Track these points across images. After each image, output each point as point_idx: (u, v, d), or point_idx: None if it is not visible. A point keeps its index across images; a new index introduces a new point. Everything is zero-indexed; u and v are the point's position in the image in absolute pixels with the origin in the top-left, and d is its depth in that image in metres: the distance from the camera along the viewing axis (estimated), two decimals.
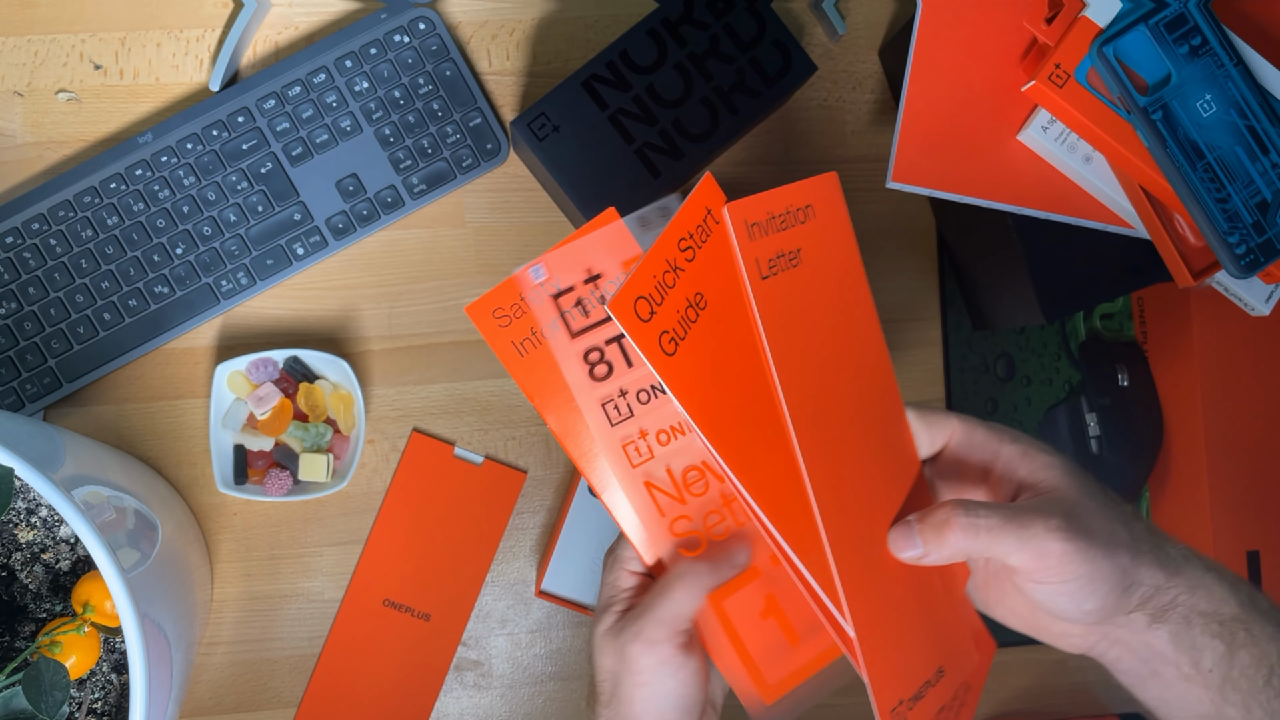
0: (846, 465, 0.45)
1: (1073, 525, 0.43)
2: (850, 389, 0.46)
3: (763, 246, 0.43)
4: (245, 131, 0.70)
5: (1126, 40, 0.61)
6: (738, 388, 0.44)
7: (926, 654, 0.48)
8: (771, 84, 0.69)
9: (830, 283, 0.46)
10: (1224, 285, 0.68)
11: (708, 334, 0.43)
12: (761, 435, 0.44)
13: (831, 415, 0.45)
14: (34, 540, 0.57)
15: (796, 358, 0.44)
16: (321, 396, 0.70)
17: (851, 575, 0.44)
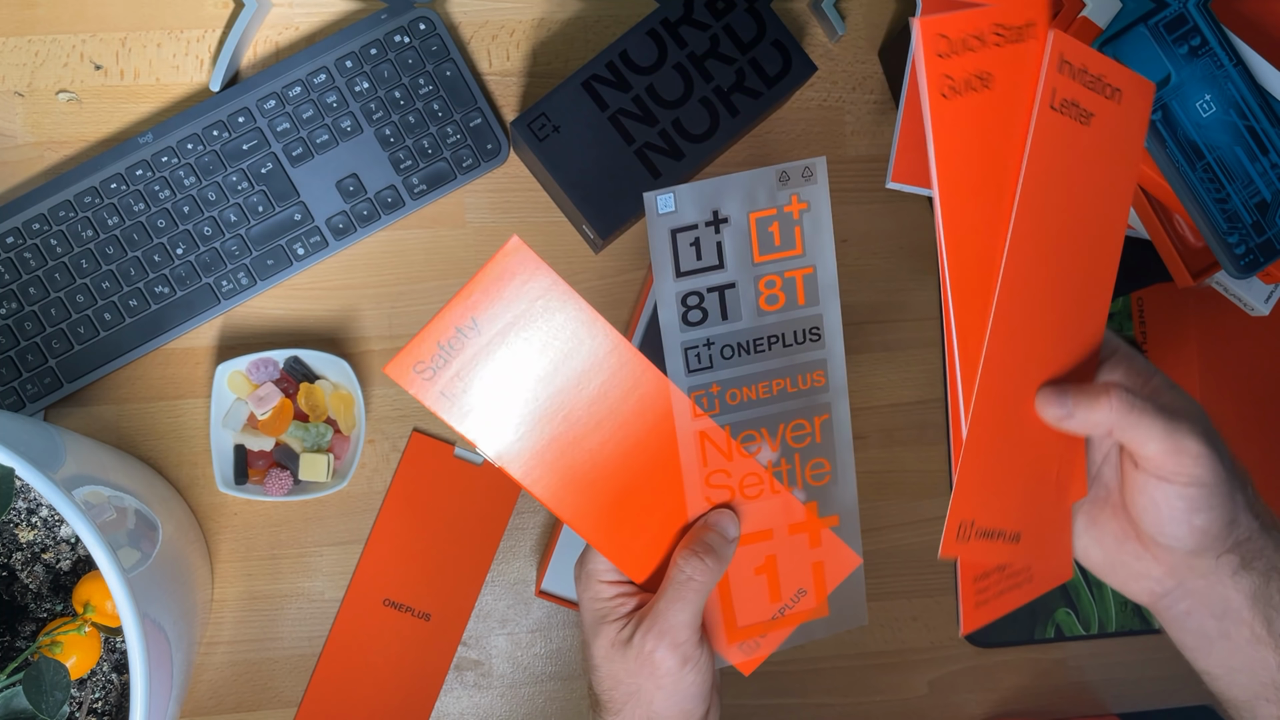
0: (1037, 304, 0.46)
1: (1211, 439, 0.45)
2: (1074, 249, 0.47)
3: (1064, 84, 0.45)
4: (246, 132, 0.70)
5: (1126, 40, 0.61)
6: (979, 173, 0.44)
7: (1015, 512, 0.48)
8: (771, 84, 0.69)
9: (1104, 157, 0.47)
10: (1223, 285, 0.68)
11: (976, 109, 0.43)
12: (979, 222, 0.45)
13: (1046, 257, 0.46)
14: (34, 540, 0.57)
15: (1042, 192, 0.45)
16: (322, 396, 0.70)
17: (991, 393, 0.45)
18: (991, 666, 0.77)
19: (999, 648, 0.78)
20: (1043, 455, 0.49)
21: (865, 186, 0.77)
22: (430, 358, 0.45)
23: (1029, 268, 0.46)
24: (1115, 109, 0.47)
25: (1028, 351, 0.47)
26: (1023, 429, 0.48)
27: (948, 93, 0.42)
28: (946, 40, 0.42)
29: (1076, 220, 0.47)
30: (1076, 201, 0.47)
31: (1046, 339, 0.48)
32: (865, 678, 0.76)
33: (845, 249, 0.77)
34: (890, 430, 0.77)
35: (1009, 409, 0.47)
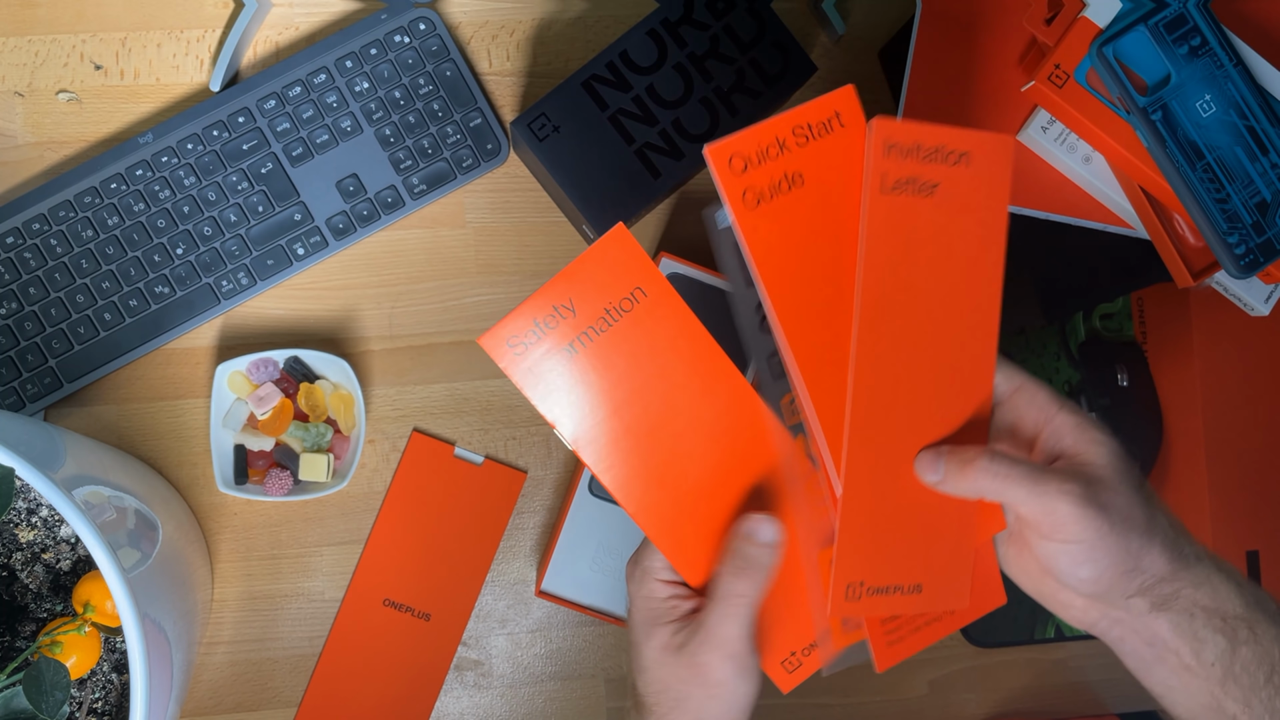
0: (903, 374, 0.47)
1: (1088, 494, 0.45)
2: (939, 315, 0.48)
3: (896, 165, 0.46)
4: (246, 132, 0.70)
5: (1126, 40, 0.61)
6: (814, 266, 0.46)
7: (911, 565, 0.49)
8: (771, 84, 0.69)
9: (961, 218, 0.48)
10: (1223, 285, 0.68)
11: (796, 210, 0.45)
12: (820, 310, 0.46)
13: (906, 327, 0.47)
14: (35, 540, 0.57)
15: (889, 269, 0.46)
16: (322, 396, 0.70)
17: (862, 464, 0.46)
18: (991, 666, 0.77)
19: (999, 648, 0.78)
20: (938, 506, 0.49)
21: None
22: (524, 333, 0.46)
23: (886, 342, 0.46)
24: (965, 171, 0.47)
25: (901, 419, 0.48)
26: (908, 488, 0.48)
27: (754, 203, 0.45)
28: (741, 158, 0.44)
29: (939, 284, 0.48)
30: (933, 268, 0.47)
31: (923, 404, 0.48)
32: (865, 678, 0.76)
33: None
34: None
35: (887, 473, 0.48)
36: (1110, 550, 0.45)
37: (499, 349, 0.46)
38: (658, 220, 0.76)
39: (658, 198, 0.69)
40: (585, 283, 0.46)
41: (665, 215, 0.76)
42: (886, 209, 0.46)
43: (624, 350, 0.46)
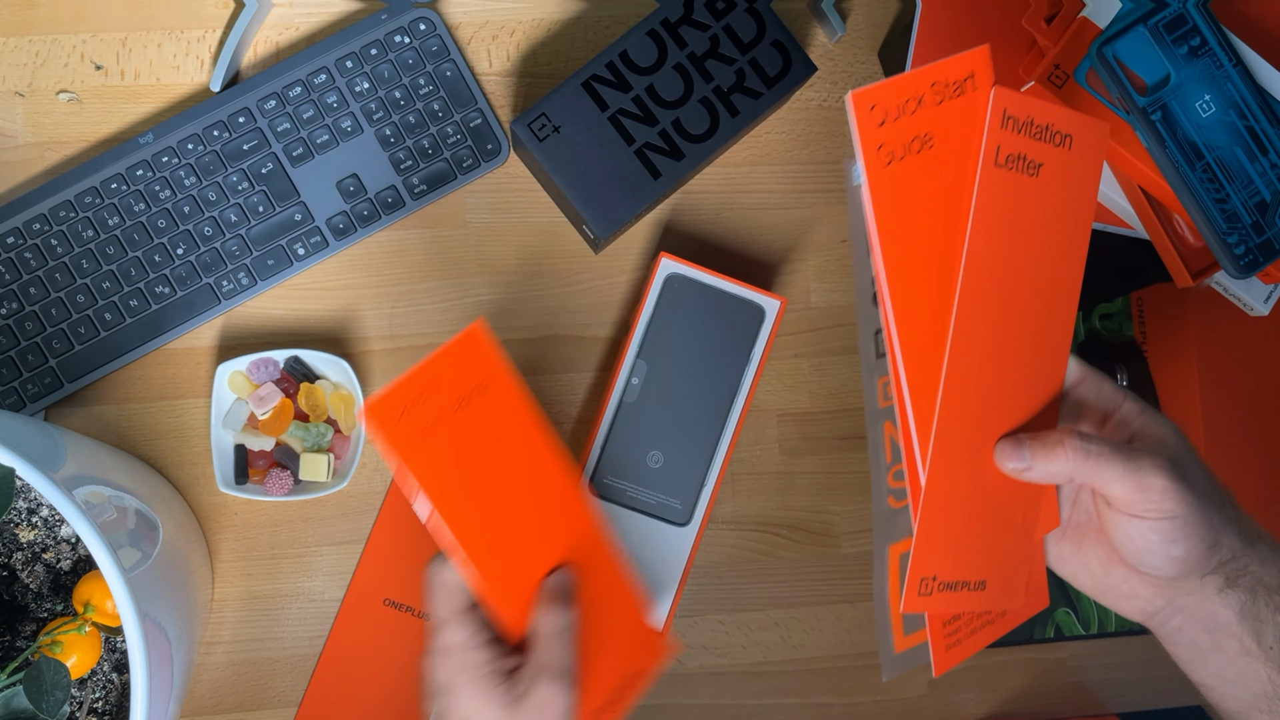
0: (991, 358, 0.46)
1: (1178, 469, 0.45)
2: (1028, 300, 0.47)
3: (1009, 139, 0.44)
4: (246, 132, 0.70)
5: (1125, 41, 0.61)
6: (926, 235, 0.44)
7: (979, 561, 0.48)
8: (771, 85, 0.69)
9: (1057, 203, 0.47)
10: (1223, 285, 0.68)
11: (923, 175, 0.43)
12: (926, 284, 0.44)
13: (998, 311, 0.46)
14: (35, 540, 0.57)
15: (991, 248, 0.45)
16: (322, 396, 0.71)
17: (947, 451, 0.45)
18: (991, 666, 0.78)
19: (999, 648, 0.78)
20: (1007, 501, 0.49)
21: None
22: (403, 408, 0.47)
23: (980, 325, 0.46)
24: (1066, 155, 0.47)
25: (984, 405, 0.47)
26: (983, 480, 0.48)
27: (888, 161, 0.42)
28: (882, 109, 0.42)
29: (1029, 269, 0.47)
30: (1028, 251, 0.47)
31: (1004, 390, 0.48)
32: (865, 678, 0.76)
33: (845, 249, 0.77)
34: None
35: (967, 463, 0.47)
36: (1199, 525, 0.46)
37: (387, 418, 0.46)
38: (658, 220, 0.76)
39: (658, 198, 0.69)
40: (445, 373, 0.48)
41: (665, 215, 0.76)
42: (997, 183, 0.45)
43: (473, 435, 0.48)
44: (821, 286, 0.77)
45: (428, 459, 0.46)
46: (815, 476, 0.76)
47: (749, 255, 0.76)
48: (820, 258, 0.77)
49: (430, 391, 0.46)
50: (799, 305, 0.76)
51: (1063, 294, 0.49)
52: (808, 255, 0.77)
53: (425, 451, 0.46)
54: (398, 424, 0.44)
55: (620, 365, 0.70)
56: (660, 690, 0.74)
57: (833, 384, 0.77)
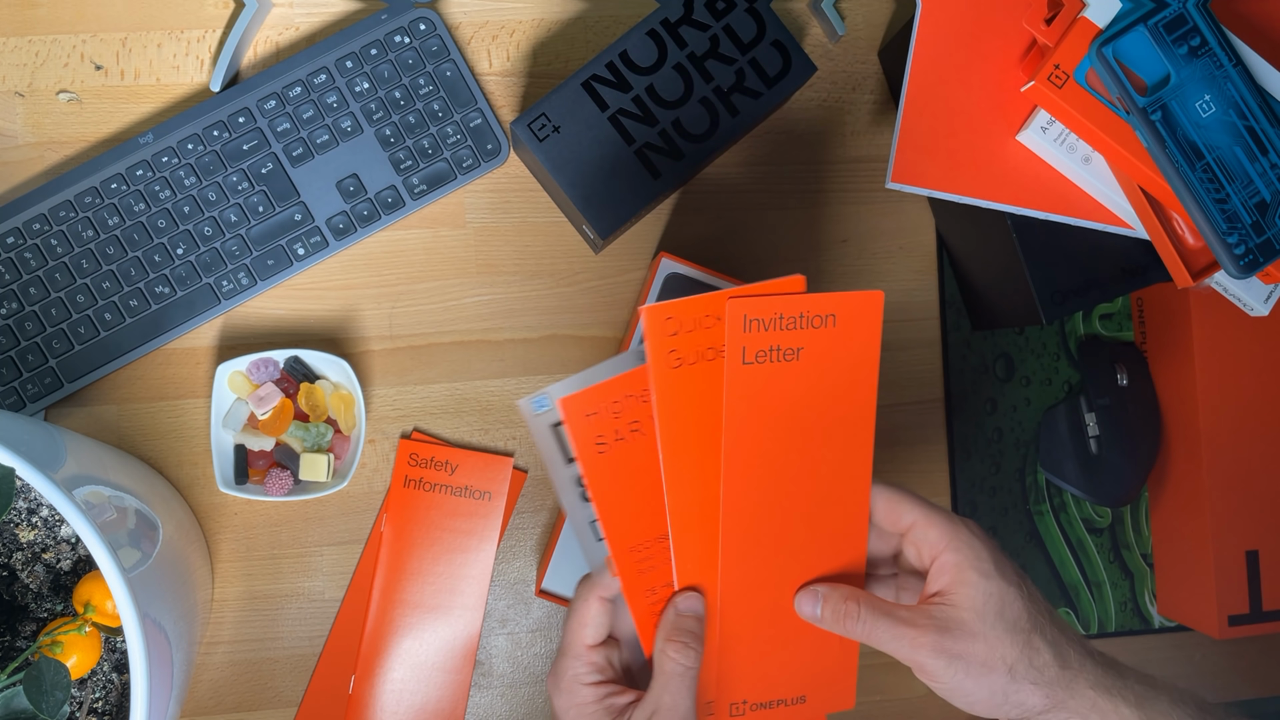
0: (773, 521, 0.51)
1: (944, 645, 0.48)
2: (808, 470, 0.52)
3: (755, 338, 0.49)
4: (246, 132, 0.70)
5: (1126, 41, 0.61)
6: (703, 429, 0.49)
7: (794, 680, 0.53)
8: (771, 85, 0.69)
9: (827, 380, 0.51)
10: (1223, 286, 0.68)
11: (700, 377, 0.49)
12: (701, 467, 0.50)
13: (773, 481, 0.51)
14: (35, 540, 0.57)
15: (750, 433, 0.50)
16: (322, 396, 0.71)
17: (737, 604, 0.51)
18: None
19: None
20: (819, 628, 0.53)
21: (865, 186, 0.77)
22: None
23: (753, 495, 0.50)
24: (831, 332, 0.51)
25: (773, 560, 0.52)
26: (789, 614, 0.52)
27: (675, 365, 0.48)
28: (675, 321, 0.48)
29: (807, 439, 0.51)
30: (799, 426, 0.51)
31: (795, 545, 0.52)
32: (865, 677, 0.76)
33: (845, 249, 0.77)
34: (890, 430, 0.77)
35: (764, 607, 0.52)
36: (975, 689, 0.49)
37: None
38: (658, 220, 0.76)
39: (658, 198, 0.69)
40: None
41: (665, 215, 0.76)
42: (748, 378, 0.49)
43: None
44: (821, 286, 0.77)
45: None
46: None
47: (749, 255, 0.76)
48: (820, 258, 0.77)
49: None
50: None
51: (851, 453, 0.52)
52: (808, 255, 0.77)
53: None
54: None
55: None
56: None
57: None
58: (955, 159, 0.67)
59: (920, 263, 0.78)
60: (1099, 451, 0.80)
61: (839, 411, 0.52)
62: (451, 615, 0.72)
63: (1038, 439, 0.81)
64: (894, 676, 0.76)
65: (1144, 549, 0.82)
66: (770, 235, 0.76)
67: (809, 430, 0.51)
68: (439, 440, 0.73)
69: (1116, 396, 0.80)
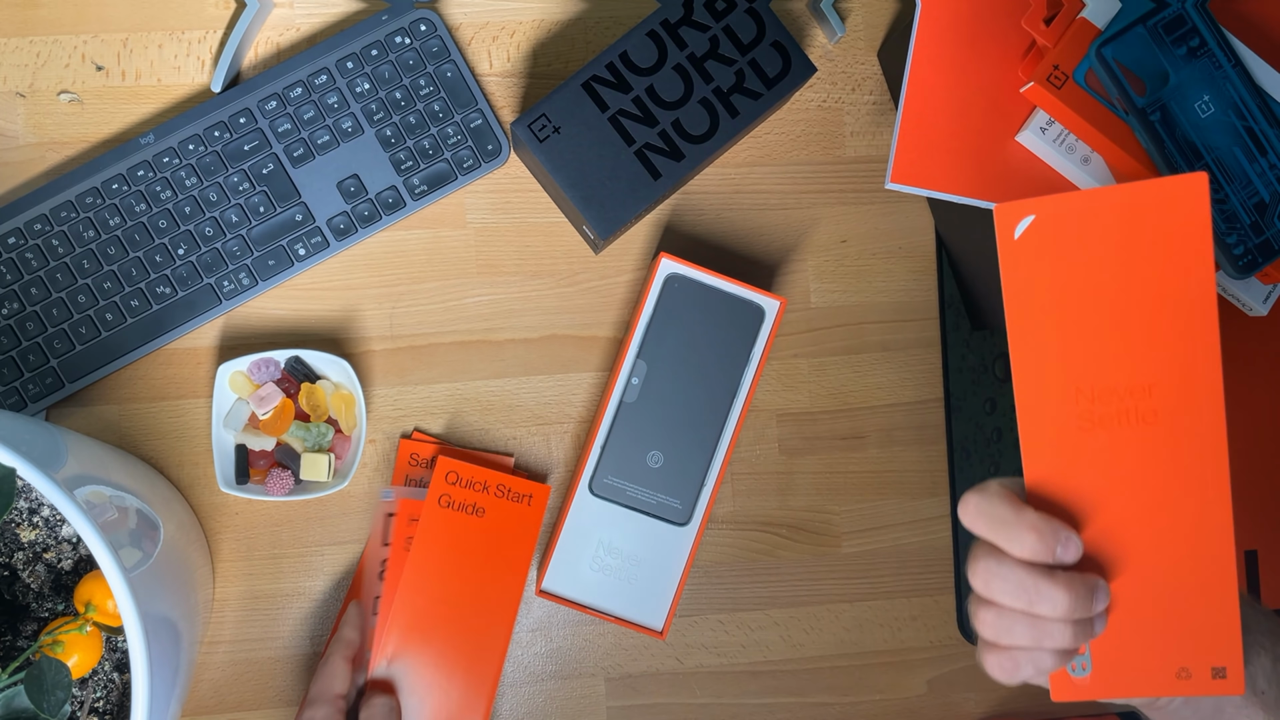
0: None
1: None
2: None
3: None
4: (247, 132, 0.71)
5: (1125, 41, 0.62)
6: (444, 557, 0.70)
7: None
8: (771, 85, 0.69)
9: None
10: (1222, 286, 0.68)
11: (458, 523, 0.70)
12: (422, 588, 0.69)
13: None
14: (36, 540, 0.57)
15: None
16: (323, 396, 0.71)
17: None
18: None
19: None
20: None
21: (865, 187, 0.77)
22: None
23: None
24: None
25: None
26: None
27: (442, 504, 0.69)
28: (456, 474, 0.69)
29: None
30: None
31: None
32: (865, 677, 0.76)
33: (845, 249, 0.77)
34: (890, 430, 0.77)
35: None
36: None
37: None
38: (658, 220, 0.76)
39: (658, 198, 0.69)
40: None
41: (665, 215, 0.76)
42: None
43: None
44: (821, 286, 0.77)
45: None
46: (815, 476, 0.76)
47: (749, 255, 0.76)
48: (820, 258, 0.77)
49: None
50: (799, 305, 0.77)
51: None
52: (808, 255, 0.77)
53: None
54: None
55: (620, 365, 0.70)
56: (660, 690, 0.74)
57: (832, 384, 0.77)
58: (955, 159, 0.67)
59: (920, 263, 0.78)
60: None
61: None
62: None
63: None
64: (893, 676, 0.77)
65: None
66: (770, 235, 0.76)
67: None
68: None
69: None
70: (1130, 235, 0.44)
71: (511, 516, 0.70)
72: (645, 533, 0.69)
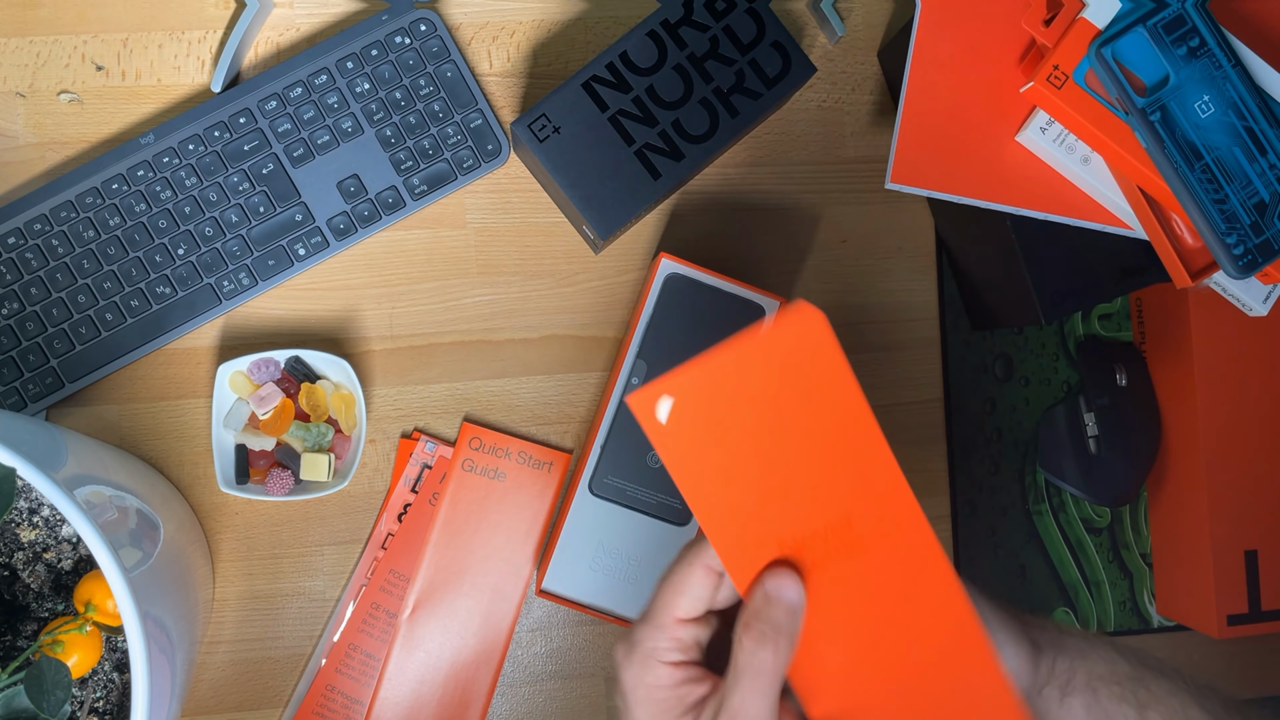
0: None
1: None
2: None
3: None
4: (247, 132, 0.71)
5: (1125, 41, 0.62)
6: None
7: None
8: (771, 85, 0.69)
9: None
10: (1222, 286, 0.68)
11: (480, 484, 0.72)
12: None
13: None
14: (36, 540, 0.57)
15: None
16: (323, 396, 0.71)
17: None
18: None
19: None
20: None
21: (865, 187, 0.77)
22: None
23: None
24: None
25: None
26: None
27: (465, 469, 0.72)
28: (479, 440, 0.72)
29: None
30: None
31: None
32: None
33: (845, 249, 0.77)
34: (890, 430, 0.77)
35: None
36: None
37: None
38: (658, 220, 0.76)
39: (658, 198, 0.69)
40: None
41: (665, 215, 0.76)
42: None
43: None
44: (821, 286, 0.77)
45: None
46: None
47: (749, 255, 0.76)
48: (820, 258, 0.77)
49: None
50: None
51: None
52: (808, 255, 0.77)
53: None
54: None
55: (620, 365, 0.70)
56: None
57: None
58: (955, 159, 0.67)
59: (920, 263, 0.78)
60: (1098, 451, 0.80)
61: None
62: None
63: (1037, 439, 0.82)
64: None
65: (1143, 549, 0.83)
66: (770, 235, 0.76)
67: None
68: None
69: (1115, 397, 0.80)
70: (769, 381, 0.42)
71: (531, 482, 0.73)
72: (645, 533, 0.69)
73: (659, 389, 0.42)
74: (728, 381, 0.42)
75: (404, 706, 0.71)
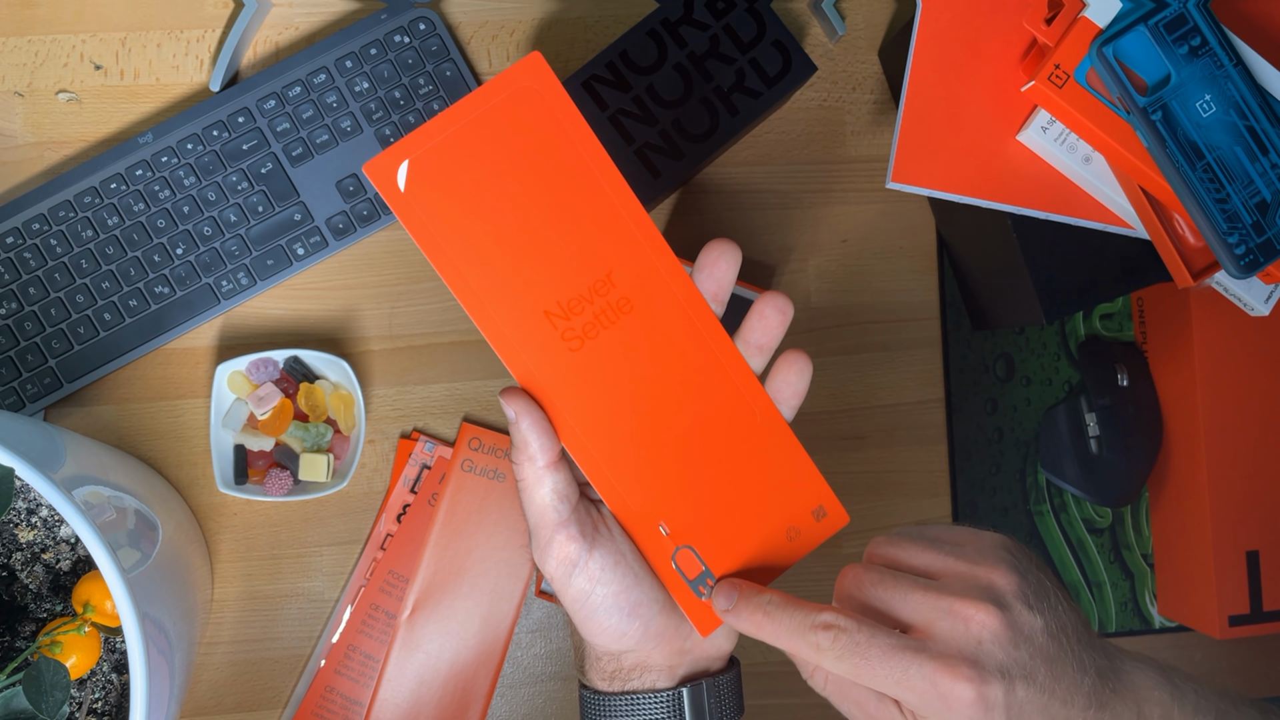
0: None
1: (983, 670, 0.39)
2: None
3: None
4: (245, 132, 0.70)
5: (1126, 40, 0.61)
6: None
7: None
8: (771, 84, 0.69)
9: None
10: (1223, 286, 0.68)
11: (480, 485, 0.72)
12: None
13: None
14: (34, 540, 0.57)
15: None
16: (322, 397, 0.70)
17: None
18: None
19: None
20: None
21: (865, 186, 0.77)
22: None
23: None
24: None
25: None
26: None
27: (464, 469, 0.71)
28: (479, 440, 0.71)
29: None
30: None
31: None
32: None
33: (845, 249, 0.77)
34: (890, 430, 0.77)
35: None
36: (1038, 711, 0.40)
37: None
38: (658, 220, 0.76)
39: (658, 198, 0.69)
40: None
41: (665, 215, 0.76)
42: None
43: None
44: (821, 286, 0.77)
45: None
46: None
47: (749, 255, 0.76)
48: (820, 258, 0.77)
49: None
50: (799, 305, 0.76)
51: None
52: (808, 255, 0.77)
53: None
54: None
55: None
56: None
57: (833, 384, 0.77)
58: (955, 159, 0.67)
59: (920, 263, 0.78)
60: (1099, 452, 0.80)
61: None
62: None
63: (1038, 439, 0.81)
64: None
65: (1144, 549, 0.82)
66: (770, 235, 0.76)
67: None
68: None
69: (1117, 396, 0.80)
70: (501, 133, 0.42)
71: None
72: None
73: (394, 153, 0.41)
74: (462, 139, 0.41)
75: (403, 707, 0.71)
